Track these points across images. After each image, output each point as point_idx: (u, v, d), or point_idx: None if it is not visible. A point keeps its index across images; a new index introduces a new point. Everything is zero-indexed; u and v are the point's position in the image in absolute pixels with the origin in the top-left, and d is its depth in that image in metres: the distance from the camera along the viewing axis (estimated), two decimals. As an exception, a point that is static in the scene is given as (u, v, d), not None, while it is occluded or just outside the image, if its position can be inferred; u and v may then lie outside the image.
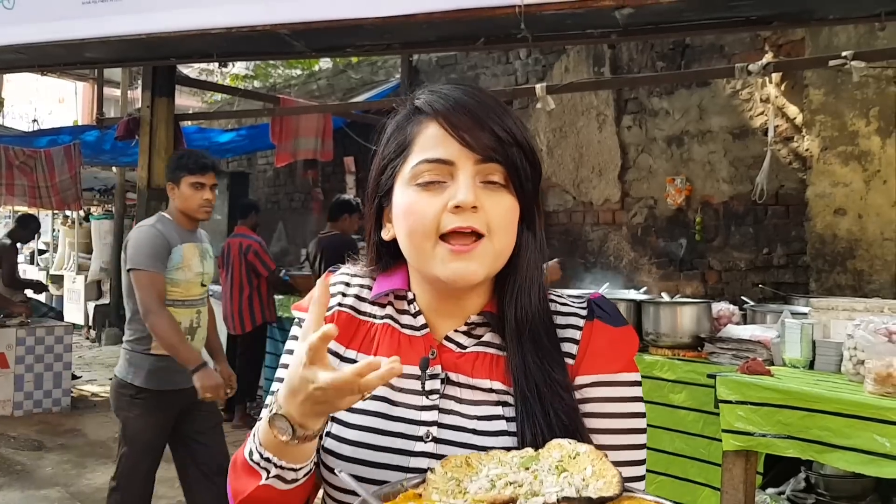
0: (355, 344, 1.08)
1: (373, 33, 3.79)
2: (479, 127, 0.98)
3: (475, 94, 1.02)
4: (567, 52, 6.60)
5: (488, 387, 1.02)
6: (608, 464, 0.87)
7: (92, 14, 4.18)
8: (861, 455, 2.81)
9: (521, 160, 1.00)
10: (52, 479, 5.20)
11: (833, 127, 4.94)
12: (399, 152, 1.03)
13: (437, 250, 0.97)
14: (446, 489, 0.88)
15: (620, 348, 1.05)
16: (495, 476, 0.88)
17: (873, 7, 3.26)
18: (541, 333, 1.02)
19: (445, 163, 0.98)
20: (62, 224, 12.90)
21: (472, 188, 0.96)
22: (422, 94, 1.04)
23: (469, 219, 0.95)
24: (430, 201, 0.97)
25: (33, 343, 6.91)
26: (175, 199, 3.42)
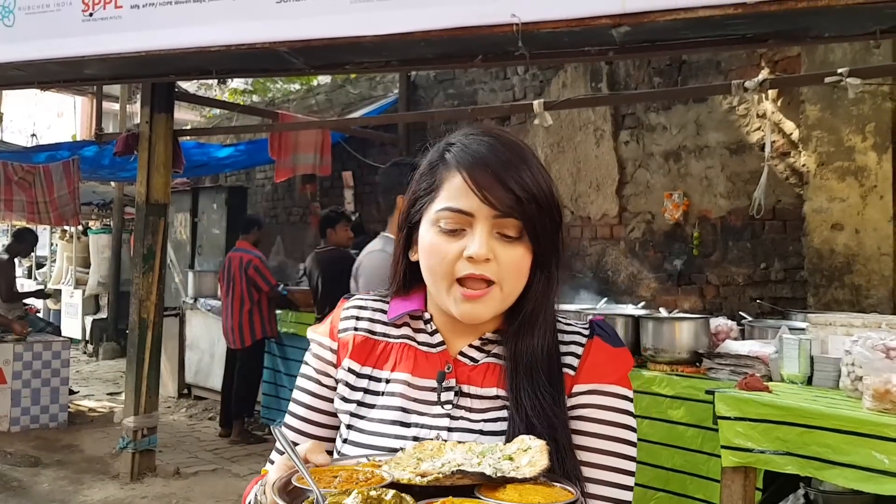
0: (370, 362, 1.18)
1: (371, 51, 3.81)
2: (499, 184, 1.05)
3: (500, 149, 1.09)
4: (565, 68, 6.63)
5: (494, 394, 1.12)
6: (545, 457, 0.97)
7: (92, 31, 4.19)
8: (860, 472, 2.81)
9: (537, 214, 1.07)
10: (49, 495, 5.17)
11: (829, 142, 4.97)
12: (428, 192, 1.13)
13: (451, 290, 1.08)
14: (406, 465, 0.98)
15: (616, 364, 1.14)
16: (449, 460, 0.98)
17: (869, 25, 3.28)
18: (538, 367, 1.10)
19: (465, 213, 1.07)
20: (60, 238, 12.90)
21: (486, 242, 1.05)
22: (453, 143, 1.13)
23: (481, 268, 1.05)
24: (449, 246, 1.07)
25: (30, 358, 6.90)
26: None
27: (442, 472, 0.93)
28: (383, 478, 0.95)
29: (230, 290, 6.60)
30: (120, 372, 9.03)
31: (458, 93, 7.79)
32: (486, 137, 1.11)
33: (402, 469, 0.97)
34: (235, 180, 10.88)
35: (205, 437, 6.79)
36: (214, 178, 11.00)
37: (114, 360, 10.76)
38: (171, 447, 6.33)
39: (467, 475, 0.93)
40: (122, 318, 9.86)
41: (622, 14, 3.16)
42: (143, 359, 5.50)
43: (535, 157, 1.11)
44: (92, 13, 4.19)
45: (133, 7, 4.07)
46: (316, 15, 3.64)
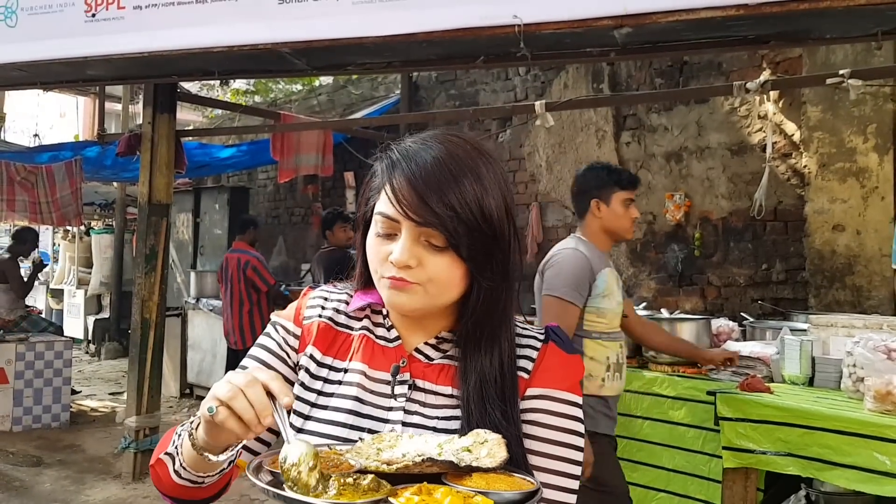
0: (332, 351, 1.20)
1: (373, 52, 3.81)
2: (419, 199, 1.06)
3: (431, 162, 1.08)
4: (566, 69, 6.63)
5: (449, 393, 1.14)
6: (503, 449, 1.01)
7: (94, 32, 4.20)
8: (861, 473, 2.81)
9: (461, 229, 1.06)
10: (51, 495, 5.18)
11: (831, 144, 4.97)
12: (375, 191, 1.15)
13: (381, 283, 1.12)
14: (366, 453, 1.01)
15: (569, 371, 1.17)
16: (410, 450, 1.01)
17: (870, 27, 3.29)
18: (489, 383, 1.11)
19: (392, 220, 1.09)
20: (62, 238, 12.92)
21: (407, 249, 1.07)
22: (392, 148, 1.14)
23: (402, 272, 1.08)
24: (381, 248, 1.11)
25: (33, 358, 6.91)
26: (600, 216, 3.07)
27: (412, 460, 0.96)
28: (351, 465, 0.98)
29: (229, 291, 6.61)
30: (122, 372, 9.05)
31: (459, 93, 7.80)
32: (425, 149, 1.10)
33: (363, 458, 0.99)
34: (237, 181, 10.90)
35: (206, 437, 6.79)
36: (216, 179, 11.01)
37: (116, 360, 10.77)
38: (173, 447, 6.32)
39: (436, 463, 0.96)
40: (125, 318, 9.87)
41: (624, 15, 3.16)
42: (145, 359, 5.51)
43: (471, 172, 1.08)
44: (94, 14, 4.19)
45: (135, 8, 4.07)
46: (318, 16, 3.65)
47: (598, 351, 2.93)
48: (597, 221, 3.07)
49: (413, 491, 0.93)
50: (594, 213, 3.07)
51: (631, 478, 3.71)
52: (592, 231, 3.08)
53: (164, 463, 1.12)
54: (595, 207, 3.06)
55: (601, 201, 3.05)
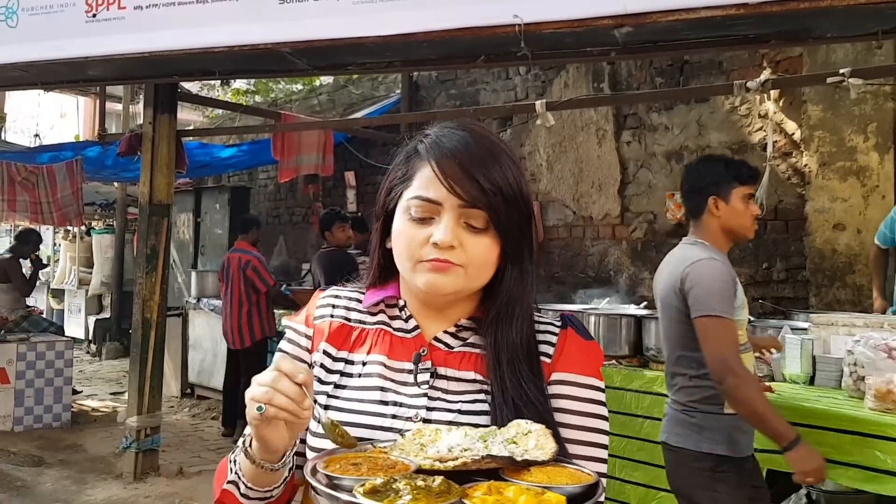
0: (346, 346, 1.21)
1: (374, 51, 3.82)
2: (465, 176, 1.09)
3: (470, 142, 1.13)
4: (566, 69, 6.63)
5: (472, 378, 1.15)
6: (550, 439, 1.01)
7: (95, 32, 4.20)
8: (862, 471, 2.81)
9: (503, 207, 1.11)
10: (53, 495, 5.19)
11: (831, 143, 4.97)
12: (402, 181, 1.17)
13: (417, 267, 1.11)
14: (410, 450, 1.01)
15: (590, 357, 1.19)
16: (454, 444, 1.00)
17: (871, 26, 3.29)
18: (520, 358, 1.13)
19: (433, 202, 1.11)
20: (63, 238, 12.92)
21: (451, 230, 1.09)
22: (427, 135, 1.17)
23: (445, 254, 1.09)
24: (417, 232, 1.11)
25: (34, 358, 6.91)
26: (719, 215, 2.75)
27: (470, 458, 0.95)
28: (407, 465, 0.96)
29: (229, 291, 6.62)
30: (123, 372, 9.06)
31: (460, 93, 7.80)
32: (459, 131, 1.15)
33: (411, 455, 0.99)
34: (238, 180, 10.90)
35: (208, 437, 6.80)
36: (217, 179, 11.02)
37: (117, 360, 10.78)
38: (175, 447, 6.34)
39: (495, 459, 0.95)
40: (125, 318, 9.87)
41: (624, 15, 3.16)
42: (146, 358, 5.52)
43: (506, 153, 1.14)
44: (95, 14, 4.20)
45: (136, 8, 4.08)
46: (318, 16, 3.65)
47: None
48: (715, 221, 2.76)
49: (483, 491, 0.92)
50: (712, 213, 2.75)
51: (631, 477, 3.71)
52: (711, 232, 2.77)
53: (230, 492, 1.11)
54: (713, 206, 2.75)
55: (719, 199, 2.74)
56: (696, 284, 2.60)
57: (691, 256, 2.70)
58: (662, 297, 2.78)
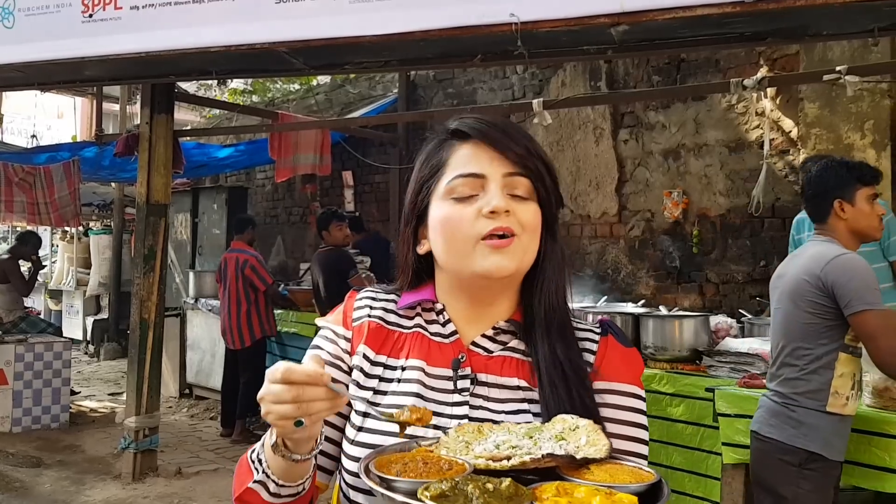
0: (385, 350, 1.19)
1: (371, 51, 3.82)
2: (510, 141, 1.12)
3: (499, 119, 1.17)
4: (564, 67, 6.64)
5: (515, 384, 1.13)
6: (602, 435, 0.98)
7: (91, 33, 4.19)
8: (861, 468, 2.82)
9: (544, 173, 1.14)
10: (51, 495, 5.18)
11: (828, 140, 4.97)
12: (433, 173, 1.16)
13: (477, 248, 1.09)
14: (455, 448, 0.98)
15: (631, 365, 1.18)
16: (501, 441, 0.98)
17: (867, 23, 3.29)
18: (566, 329, 1.15)
19: (478, 176, 1.11)
20: (61, 239, 12.91)
21: (503, 196, 1.09)
22: (453, 122, 1.18)
23: (502, 220, 1.08)
24: (466, 210, 1.10)
25: (32, 359, 6.90)
26: (846, 218, 2.77)
27: (528, 456, 0.93)
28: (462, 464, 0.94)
29: (227, 291, 6.61)
30: (121, 372, 9.04)
31: (457, 92, 7.80)
32: (476, 115, 1.18)
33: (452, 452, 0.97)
34: (236, 180, 10.90)
35: (206, 437, 6.80)
36: (215, 179, 11.01)
37: (115, 361, 10.77)
38: (173, 447, 6.34)
39: (555, 458, 0.93)
40: (123, 319, 9.86)
41: (621, 13, 3.16)
42: (144, 359, 5.51)
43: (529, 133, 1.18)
44: (91, 14, 4.19)
45: (133, 8, 4.07)
46: (315, 15, 3.65)
47: (850, 366, 2.68)
48: (842, 224, 2.78)
49: (552, 493, 0.89)
50: (838, 215, 2.78)
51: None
52: (840, 235, 2.78)
53: (255, 492, 1.07)
54: (839, 209, 2.77)
55: (845, 201, 2.76)
56: (846, 281, 2.60)
57: (831, 252, 2.69)
58: (792, 288, 2.76)
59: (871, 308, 2.55)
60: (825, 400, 2.63)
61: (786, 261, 2.97)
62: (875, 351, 2.56)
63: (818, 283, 2.66)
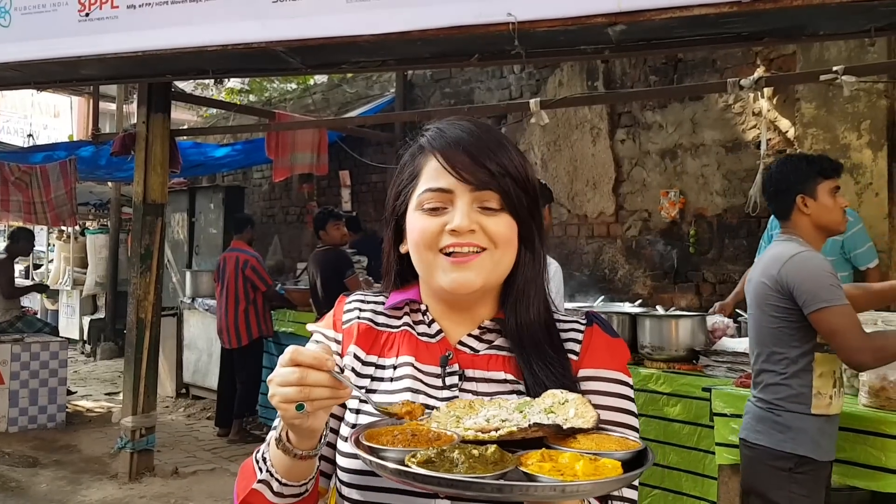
0: (375, 350, 1.21)
1: (368, 50, 3.82)
2: (472, 161, 1.11)
3: (473, 130, 1.15)
4: (561, 67, 6.64)
5: (503, 378, 1.15)
6: (590, 407, 1.00)
7: (88, 32, 4.19)
8: (856, 468, 2.82)
9: (513, 188, 1.13)
10: (47, 495, 5.18)
11: (825, 140, 4.98)
12: (410, 180, 1.18)
13: (438, 261, 1.12)
14: (446, 423, 1.01)
15: (616, 353, 1.20)
16: (491, 416, 1.00)
17: (864, 23, 3.29)
18: (541, 338, 1.15)
19: (444, 191, 1.12)
20: (57, 239, 12.88)
21: (467, 214, 1.10)
22: (427, 131, 1.19)
23: (465, 238, 1.10)
24: (432, 222, 1.12)
25: (28, 359, 6.89)
26: (808, 212, 2.74)
27: (516, 426, 0.94)
28: (451, 436, 0.95)
29: (224, 290, 6.61)
30: (118, 372, 9.03)
31: (454, 91, 7.80)
32: (460, 122, 1.17)
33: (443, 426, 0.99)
34: (232, 180, 10.88)
35: (203, 437, 6.79)
36: (211, 178, 11.00)
37: (111, 361, 10.75)
38: (170, 447, 6.33)
39: (542, 427, 0.95)
40: (120, 319, 9.85)
41: (618, 13, 3.16)
42: (140, 358, 5.51)
43: (508, 141, 1.17)
44: (88, 13, 4.18)
45: (129, 7, 4.07)
46: (312, 14, 3.65)
47: (828, 365, 2.65)
48: (806, 219, 2.75)
49: (537, 458, 0.91)
50: (802, 211, 2.74)
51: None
52: (804, 231, 2.75)
53: (260, 493, 1.08)
54: (801, 204, 2.74)
55: (807, 196, 2.73)
56: (802, 280, 2.59)
57: (787, 252, 2.68)
58: (756, 295, 2.76)
59: (828, 305, 2.53)
60: (809, 402, 2.61)
61: (754, 264, 2.94)
62: (839, 348, 2.56)
63: (777, 287, 2.65)
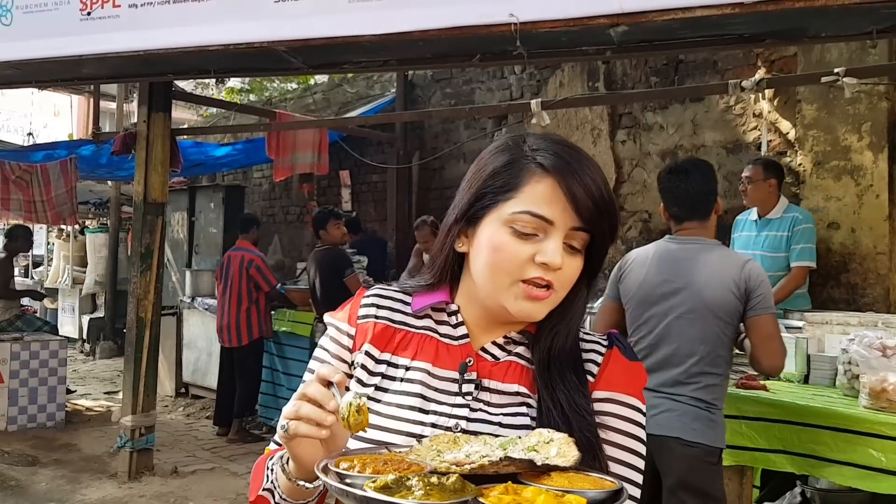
0: (390, 349, 1.19)
1: (369, 50, 3.81)
2: (588, 192, 1.08)
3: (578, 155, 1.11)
4: (562, 68, 6.64)
5: (514, 391, 1.14)
6: (573, 447, 0.98)
7: (89, 31, 4.18)
8: (856, 470, 2.82)
9: (607, 230, 1.11)
10: (47, 494, 5.17)
11: (825, 142, 4.99)
12: (504, 190, 1.10)
13: (513, 288, 1.08)
14: (426, 456, 0.99)
15: (633, 378, 1.18)
16: (473, 451, 0.98)
17: (865, 25, 3.29)
18: (568, 364, 1.14)
19: (546, 220, 1.07)
20: (57, 237, 12.88)
21: (560, 252, 1.07)
22: (537, 146, 1.12)
23: (550, 275, 1.07)
24: (521, 248, 1.07)
25: (28, 357, 6.89)
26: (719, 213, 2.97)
27: (488, 460, 0.93)
28: (422, 466, 0.94)
29: (227, 289, 6.61)
30: (117, 371, 9.03)
31: (455, 92, 7.80)
32: (565, 145, 1.12)
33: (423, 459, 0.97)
34: (233, 179, 10.88)
35: (202, 436, 6.79)
36: (212, 178, 10.99)
37: (111, 360, 10.75)
38: (169, 446, 6.33)
39: (514, 462, 0.93)
40: (120, 318, 9.85)
41: (620, 14, 3.15)
42: (140, 357, 5.50)
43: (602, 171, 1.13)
44: (90, 12, 4.18)
45: (131, 6, 4.06)
46: (314, 14, 3.64)
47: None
48: (714, 219, 2.92)
49: (500, 491, 0.90)
50: (715, 212, 2.91)
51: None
52: (710, 231, 2.90)
53: (266, 499, 1.12)
54: (719, 205, 2.92)
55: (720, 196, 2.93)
56: (761, 283, 2.72)
57: (737, 258, 2.84)
58: (710, 298, 2.77)
59: (772, 310, 2.74)
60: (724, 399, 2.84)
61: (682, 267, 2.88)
62: (768, 350, 2.73)
63: (740, 294, 2.73)
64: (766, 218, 4.54)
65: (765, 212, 4.54)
